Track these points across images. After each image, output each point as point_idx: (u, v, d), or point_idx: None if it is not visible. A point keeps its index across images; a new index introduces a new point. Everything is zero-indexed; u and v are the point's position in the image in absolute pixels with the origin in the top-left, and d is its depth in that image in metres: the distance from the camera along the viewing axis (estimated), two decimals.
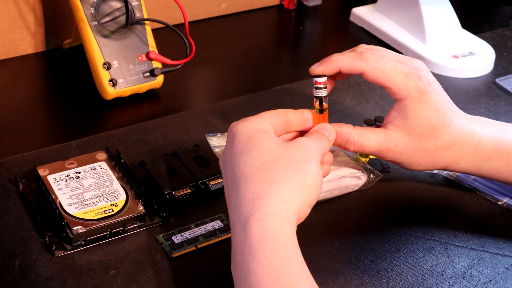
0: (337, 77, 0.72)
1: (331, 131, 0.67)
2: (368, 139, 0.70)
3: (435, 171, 0.82)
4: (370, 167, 0.80)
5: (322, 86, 0.70)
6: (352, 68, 0.69)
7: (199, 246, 0.70)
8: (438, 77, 0.73)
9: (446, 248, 0.73)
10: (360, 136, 0.70)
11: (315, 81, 0.70)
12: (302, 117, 0.68)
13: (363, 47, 0.71)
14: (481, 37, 1.13)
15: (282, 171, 0.60)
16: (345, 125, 0.70)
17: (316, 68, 0.70)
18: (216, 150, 0.82)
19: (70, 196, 0.71)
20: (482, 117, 0.74)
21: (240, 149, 0.62)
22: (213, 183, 0.75)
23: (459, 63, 1.05)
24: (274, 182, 0.59)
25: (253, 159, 0.61)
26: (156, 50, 0.94)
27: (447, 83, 1.01)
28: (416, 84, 0.68)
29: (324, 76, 0.70)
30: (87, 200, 0.71)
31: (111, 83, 0.90)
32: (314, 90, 0.70)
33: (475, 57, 1.07)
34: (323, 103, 0.70)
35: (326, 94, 0.70)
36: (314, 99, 0.70)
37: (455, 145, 0.70)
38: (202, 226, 0.72)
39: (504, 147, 0.71)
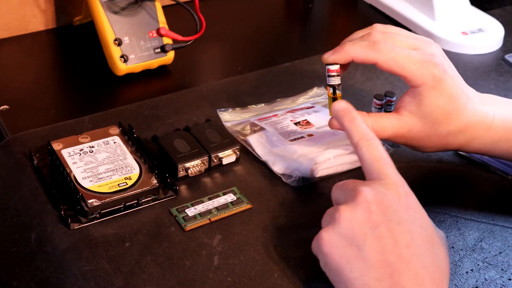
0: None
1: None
2: (384, 126, 0.70)
3: None
4: (381, 141, 0.81)
5: (335, 74, 0.70)
6: (365, 58, 0.68)
7: (212, 219, 0.71)
8: (447, 53, 0.73)
9: (457, 221, 0.73)
10: (375, 123, 0.70)
11: (328, 69, 0.70)
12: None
13: (377, 28, 0.70)
14: (490, 14, 1.13)
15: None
16: (360, 113, 0.69)
17: (328, 57, 0.70)
18: (228, 125, 0.82)
19: (84, 169, 0.72)
20: (494, 95, 0.74)
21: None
22: (225, 157, 0.76)
23: (468, 40, 1.05)
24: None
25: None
26: (166, 26, 0.94)
27: (456, 59, 1.01)
28: (431, 72, 0.68)
29: (337, 64, 0.70)
30: (101, 174, 0.72)
31: (122, 59, 0.91)
32: (327, 78, 0.70)
33: (484, 33, 1.07)
34: (337, 91, 0.70)
35: (339, 82, 0.70)
36: (328, 87, 0.70)
37: (467, 129, 0.70)
38: (215, 199, 0.73)
39: None
